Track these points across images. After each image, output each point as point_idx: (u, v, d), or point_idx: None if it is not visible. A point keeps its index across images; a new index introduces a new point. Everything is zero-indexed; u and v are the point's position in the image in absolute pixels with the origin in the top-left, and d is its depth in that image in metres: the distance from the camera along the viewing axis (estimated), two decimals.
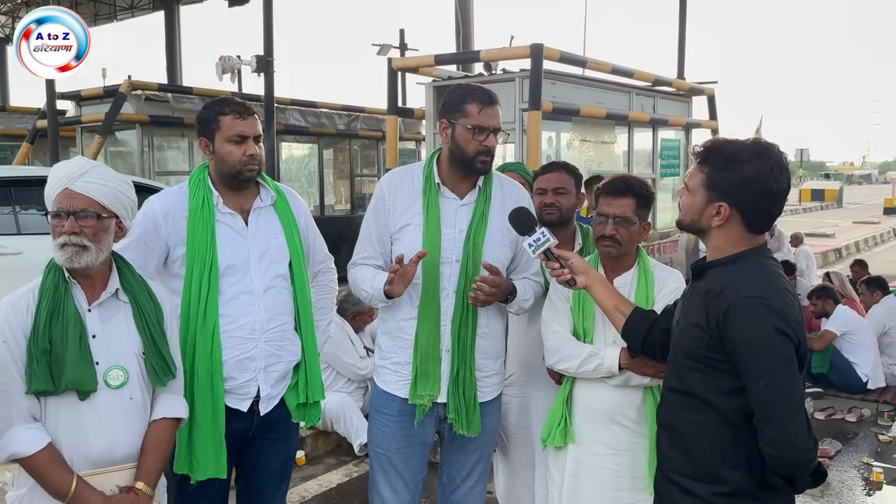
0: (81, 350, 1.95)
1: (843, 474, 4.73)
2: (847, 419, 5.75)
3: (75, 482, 1.91)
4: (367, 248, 2.50)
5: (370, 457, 2.57)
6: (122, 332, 2.04)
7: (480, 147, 2.36)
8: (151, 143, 9.36)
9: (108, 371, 1.99)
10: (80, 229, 1.95)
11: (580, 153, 7.43)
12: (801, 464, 1.77)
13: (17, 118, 11.73)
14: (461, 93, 2.42)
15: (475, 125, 2.35)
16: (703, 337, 1.85)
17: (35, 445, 1.90)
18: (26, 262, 5.76)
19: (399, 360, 2.46)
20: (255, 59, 9.32)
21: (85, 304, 2.01)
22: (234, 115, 2.40)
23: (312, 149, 11.44)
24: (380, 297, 2.40)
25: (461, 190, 2.46)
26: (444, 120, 2.42)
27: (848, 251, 17.57)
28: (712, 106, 9.14)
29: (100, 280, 2.04)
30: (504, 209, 2.43)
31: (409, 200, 2.44)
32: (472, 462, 2.59)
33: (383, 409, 2.50)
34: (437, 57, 7.37)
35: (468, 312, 2.43)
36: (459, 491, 2.60)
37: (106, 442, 1.98)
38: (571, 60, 7.03)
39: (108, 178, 2.03)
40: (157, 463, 2.06)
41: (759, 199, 1.84)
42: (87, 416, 1.96)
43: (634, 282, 2.50)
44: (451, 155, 2.42)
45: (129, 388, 2.02)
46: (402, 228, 2.43)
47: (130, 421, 2.03)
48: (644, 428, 2.42)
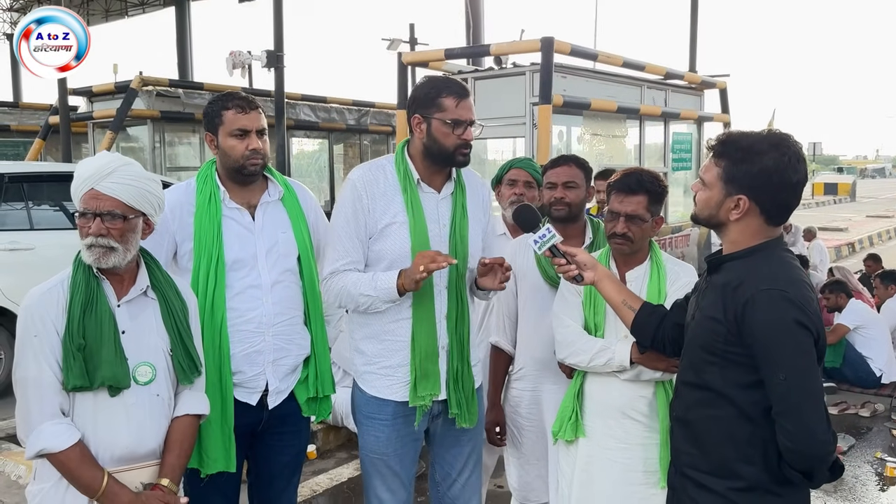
0: (116, 346, 1.96)
1: (857, 469, 4.70)
2: (860, 414, 5.71)
3: (106, 479, 1.92)
4: (351, 252, 2.34)
5: (363, 462, 2.49)
6: (151, 328, 2.05)
7: (459, 141, 2.31)
8: (163, 139, 9.41)
9: (137, 367, 2.00)
10: (108, 231, 1.95)
11: (591, 147, 7.40)
12: (821, 457, 1.75)
13: (29, 114, 11.81)
14: (434, 87, 2.35)
15: (453, 119, 2.29)
16: (720, 330, 1.83)
17: (66, 441, 1.90)
18: (39, 258, 5.81)
19: (390, 364, 2.38)
20: (266, 54, 9.34)
21: (114, 300, 2.01)
22: (236, 109, 2.39)
23: (323, 144, 11.47)
24: (389, 297, 2.28)
25: (437, 183, 2.42)
26: (417, 115, 2.34)
27: (861, 245, 17.45)
28: (724, 99, 9.09)
29: (128, 277, 2.05)
30: (473, 200, 2.45)
31: (388, 198, 2.35)
32: (467, 453, 2.55)
33: (375, 414, 2.40)
34: (447, 51, 7.36)
35: (462, 307, 2.42)
36: (456, 485, 2.55)
37: (133, 438, 1.99)
38: (582, 54, 7.00)
39: (135, 178, 2.01)
40: (180, 459, 2.07)
41: (779, 190, 1.82)
42: (116, 412, 1.97)
43: (647, 276, 2.48)
44: (426, 150, 2.35)
45: (157, 385, 2.03)
46: (386, 227, 2.34)
47: (156, 418, 2.04)
48: (655, 422, 2.41)
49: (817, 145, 45.41)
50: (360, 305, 2.32)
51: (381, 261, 2.35)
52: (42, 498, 1.99)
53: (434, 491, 2.61)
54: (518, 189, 3.25)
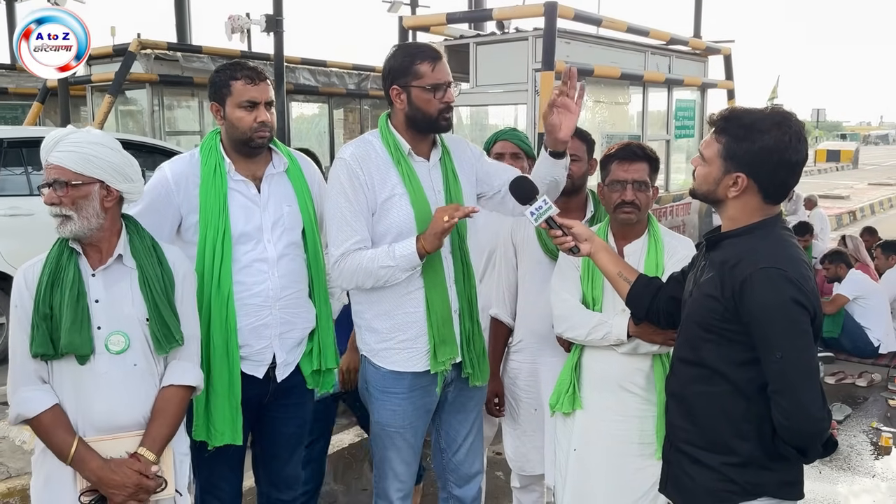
0: (77, 314, 1.95)
1: (852, 439, 4.75)
2: (857, 384, 5.76)
3: (76, 444, 1.95)
4: (358, 230, 2.31)
5: (377, 436, 2.50)
6: (126, 297, 2.03)
7: (441, 104, 2.31)
8: (161, 103, 9.32)
9: (110, 336, 1.99)
10: (59, 200, 1.94)
11: (593, 114, 7.33)
12: (815, 434, 1.77)
13: (27, 77, 11.62)
14: (406, 55, 2.33)
15: (432, 84, 2.29)
16: (717, 308, 1.84)
17: (39, 406, 1.94)
18: (39, 223, 5.73)
19: (406, 337, 2.39)
20: (265, 18, 9.21)
21: (88, 269, 2.02)
22: (245, 80, 2.36)
23: (322, 108, 11.36)
24: (409, 264, 2.26)
25: (424, 151, 2.42)
26: (395, 87, 2.33)
27: (863, 213, 17.40)
28: (729, 65, 8.98)
29: (106, 246, 2.04)
30: (459, 160, 2.47)
31: (383, 172, 2.34)
32: (473, 418, 2.59)
33: (391, 388, 2.42)
34: (448, 15, 7.25)
35: (467, 269, 2.45)
36: (461, 450, 2.59)
37: (107, 407, 1.99)
38: (586, 19, 6.90)
39: (81, 144, 1.97)
40: (162, 428, 2.05)
41: (778, 169, 1.82)
42: (87, 380, 1.98)
43: (644, 250, 2.49)
44: (409, 120, 2.35)
45: (132, 355, 2.02)
46: (387, 201, 2.33)
47: (134, 387, 2.03)
48: (652, 395, 2.43)
49: (821, 111, 45.04)
50: (378, 279, 2.30)
51: (386, 235, 2.34)
52: (38, 465, 2.05)
53: (438, 458, 2.65)
54: (506, 162, 3.20)
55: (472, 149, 2.60)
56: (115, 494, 1.96)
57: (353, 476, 4.24)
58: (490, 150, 3.21)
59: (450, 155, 2.46)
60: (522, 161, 3.18)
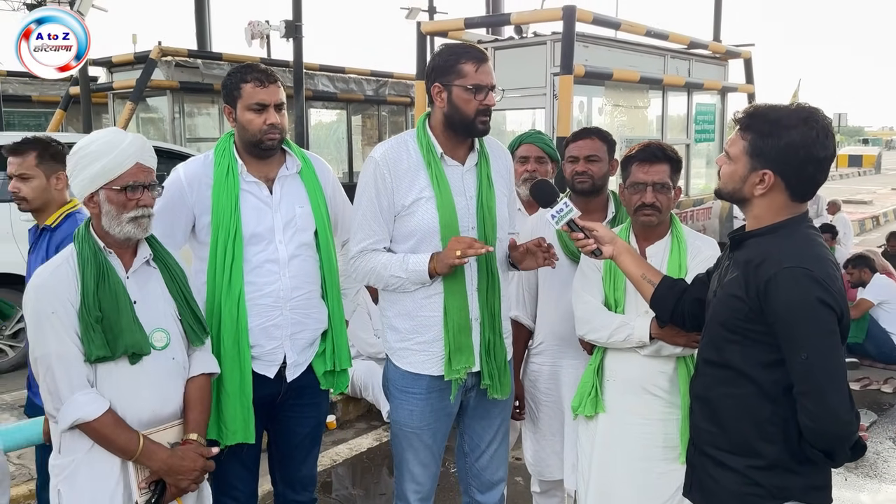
0: (132, 314, 2.03)
1: (878, 445, 4.67)
2: (883, 390, 5.67)
3: (142, 440, 2.01)
4: (377, 231, 2.34)
5: (395, 435, 2.50)
6: (158, 296, 2.13)
7: (480, 106, 2.29)
8: (182, 110, 9.40)
9: (153, 334, 2.08)
10: (152, 201, 2.09)
11: (612, 118, 7.30)
12: (843, 437, 1.73)
13: (50, 85, 11.81)
14: (452, 53, 2.32)
15: (474, 84, 2.27)
16: (742, 308, 1.81)
17: (99, 409, 1.97)
18: None
19: (424, 340, 2.38)
20: (284, 25, 9.27)
21: (122, 271, 2.08)
22: (255, 82, 2.37)
23: (341, 115, 11.42)
24: (419, 279, 2.30)
25: (460, 155, 2.40)
26: (437, 84, 2.32)
27: (886, 218, 17.19)
28: (749, 69, 8.92)
29: (131, 249, 2.12)
30: (497, 168, 2.44)
31: (412, 174, 2.34)
32: (497, 425, 2.57)
33: (409, 388, 2.42)
34: (466, 20, 7.26)
35: (493, 279, 2.41)
36: (485, 456, 2.57)
37: (157, 402, 2.08)
38: (605, 22, 6.88)
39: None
40: (202, 415, 2.17)
41: (806, 165, 1.78)
42: (138, 378, 2.04)
43: (667, 251, 2.46)
44: (447, 120, 2.34)
45: (172, 349, 2.11)
46: (413, 204, 2.32)
47: (174, 380, 2.13)
48: (676, 398, 2.39)
49: (842, 116, 44.53)
50: (388, 285, 2.36)
51: (409, 237, 2.34)
52: (74, 469, 2.02)
53: (461, 461, 2.63)
54: (530, 166, 3.19)
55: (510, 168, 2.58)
56: (181, 480, 2.06)
57: (371, 480, 4.23)
58: (514, 152, 3.20)
59: (488, 161, 2.43)
60: (546, 165, 3.18)
